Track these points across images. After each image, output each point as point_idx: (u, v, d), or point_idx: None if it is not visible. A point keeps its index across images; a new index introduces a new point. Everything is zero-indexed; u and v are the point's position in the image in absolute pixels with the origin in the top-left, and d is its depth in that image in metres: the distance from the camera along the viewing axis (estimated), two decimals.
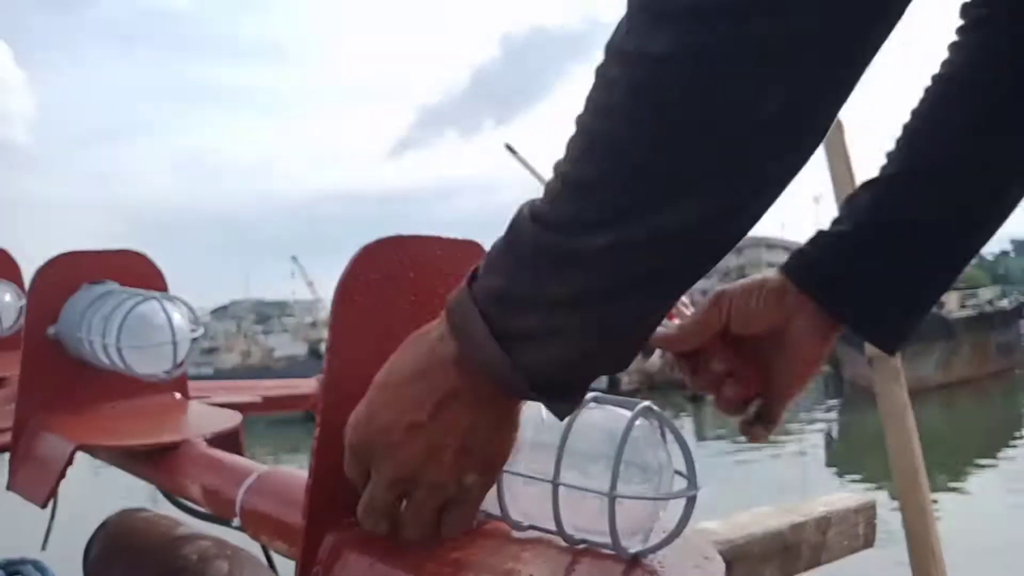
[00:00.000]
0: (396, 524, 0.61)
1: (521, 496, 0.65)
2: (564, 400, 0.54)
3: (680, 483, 0.60)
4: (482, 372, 0.53)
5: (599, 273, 0.48)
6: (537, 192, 0.52)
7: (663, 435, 0.61)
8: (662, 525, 0.61)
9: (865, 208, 0.73)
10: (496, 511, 0.65)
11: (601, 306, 0.49)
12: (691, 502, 0.59)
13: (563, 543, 0.63)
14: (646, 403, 0.60)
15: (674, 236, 0.46)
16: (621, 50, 0.45)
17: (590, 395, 0.62)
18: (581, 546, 0.62)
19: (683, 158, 0.44)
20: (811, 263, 0.72)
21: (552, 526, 0.62)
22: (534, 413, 0.62)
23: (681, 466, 0.60)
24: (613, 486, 0.57)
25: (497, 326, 0.51)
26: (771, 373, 0.73)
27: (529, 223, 0.50)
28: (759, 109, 0.42)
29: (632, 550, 0.60)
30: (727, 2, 0.41)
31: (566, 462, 0.60)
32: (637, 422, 0.59)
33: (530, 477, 0.62)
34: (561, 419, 0.56)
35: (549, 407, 0.55)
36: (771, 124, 0.43)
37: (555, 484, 0.60)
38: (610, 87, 0.45)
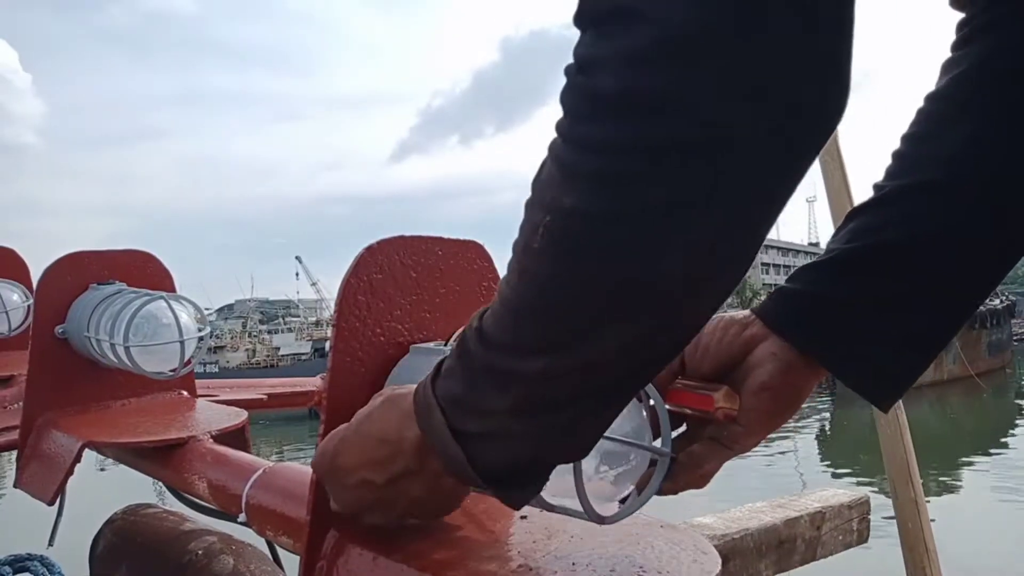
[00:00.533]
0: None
1: None
2: (518, 492, 0.57)
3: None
4: (440, 461, 0.57)
5: (538, 391, 0.51)
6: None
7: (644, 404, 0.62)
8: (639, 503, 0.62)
9: (850, 232, 0.67)
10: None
11: (544, 417, 0.52)
12: (663, 463, 0.61)
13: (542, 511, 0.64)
14: None
15: (602, 363, 0.49)
16: (542, 197, 0.47)
17: None
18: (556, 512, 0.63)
19: (595, 300, 0.47)
20: (782, 295, 0.67)
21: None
22: None
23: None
24: None
25: (454, 424, 0.55)
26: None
27: (475, 338, 0.53)
28: (660, 262, 0.44)
29: (605, 514, 0.60)
30: (624, 172, 0.43)
31: None
32: None
33: None
34: (515, 509, 0.59)
35: (503, 499, 0.57)
36: (673, 274, 0.45)
37: None
38: (535, 228, 0.47)
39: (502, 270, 0.85)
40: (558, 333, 0.49)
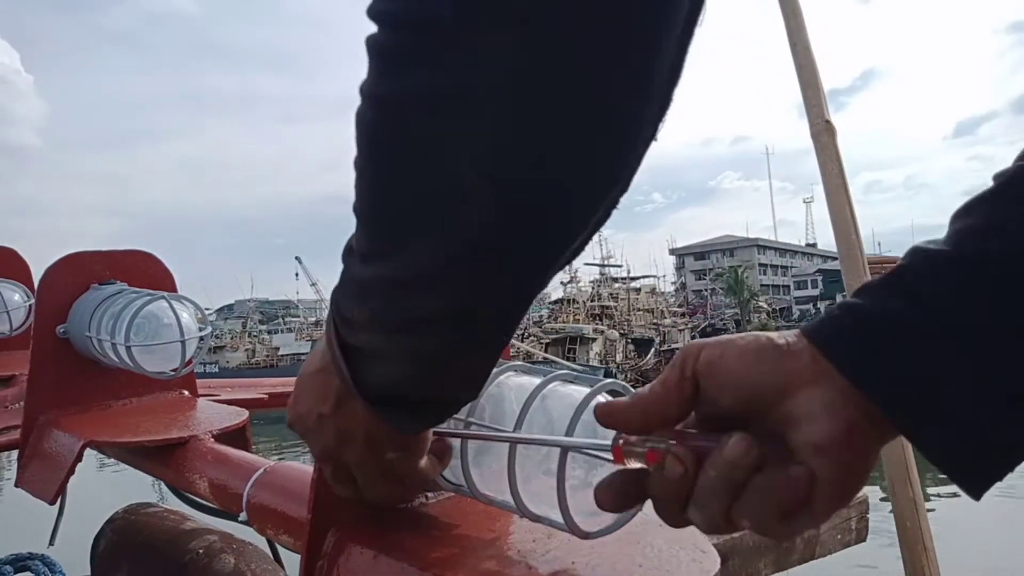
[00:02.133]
0: (356, 489, 0.65)
1: (489, 474, 0.65)
2: (407, 418, 0.56)
3: None
4: (338, 377, 0.56)
5: (386, 306, 0.49)
6: None
7: None
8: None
9: (963, 237, 0.45)
10: (464, 485, 0.66)
11: (404, 337, 0.50)
12: None
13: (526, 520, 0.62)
14: (613, 380, 0.60)
15: (431, 280, 0.46)
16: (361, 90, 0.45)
17: (566, 372, 0.63)
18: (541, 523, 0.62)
19: (397, 200, 0.45)
20: (857, 316, 0.45)
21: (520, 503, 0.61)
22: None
23: None
24: (569, 432, 0.56)
25: (343, 338, 0.54)
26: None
27: (346, 247, 0.52)
28: (443, 158, 0.42)
29: (591, 529, 0.59)
30: (396, 47, 0.42)
31: (525, 429, 0.60)
32: (600, 396, 0.58)
33: (489, 434, 0.63)
34: (403, 434, 0.58)
35: (392, 424, 0.56)
36: (462, 172, 0.42)
37: (512, 441, 0.59)
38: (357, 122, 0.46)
39: None
40: (377, 237, 0.48)
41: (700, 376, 0.48)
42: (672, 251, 77.50)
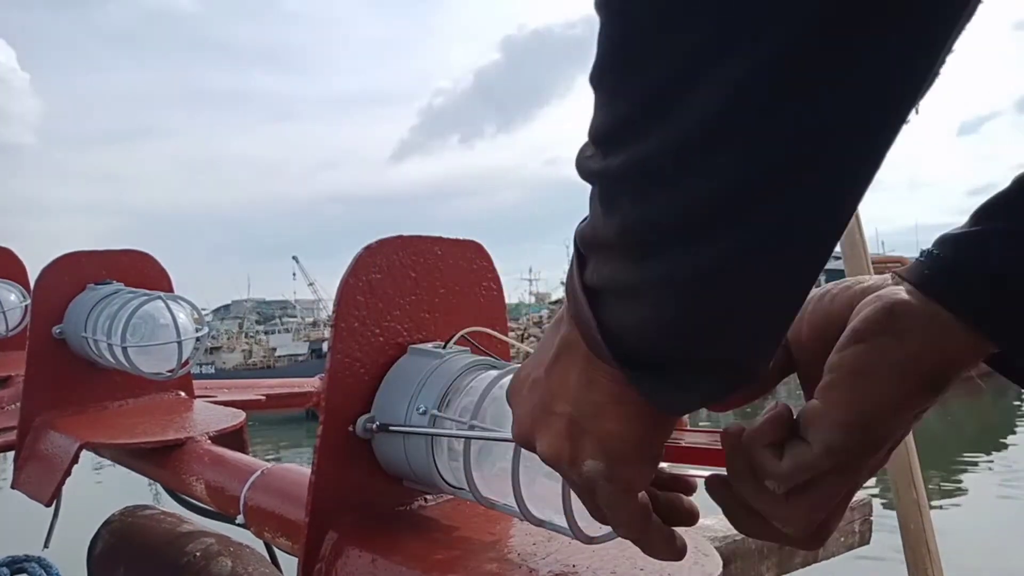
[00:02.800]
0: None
1: (491, 478, 0.64)
2: (656, 381, 0.40)
3: None
4: (578, 328, 0.42)
5: (632, 199, 0.36)
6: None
7: None
8: None
9: None
10: (465, 488, 0.65)
11: (666, 254, 0.36)
12: None
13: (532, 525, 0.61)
14: None
15: (721, 140, 0.32)
16: None
17: None
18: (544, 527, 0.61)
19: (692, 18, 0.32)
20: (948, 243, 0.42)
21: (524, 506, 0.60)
22: None
23: None
24: None
25: (585, 277, 0.41)
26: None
27: (582, 148, 0.39)
28: None
29: (594, 534, 0.58)
30: None
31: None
32: None
33: (492, 436, 0.62)
34: (661, 409, 0.42)
35: (639, 387, 0.41)
36: None
37: (516, 444, 0.55)
38: None
39: (502, 270, 0.85)
40: (642, 90, 0.33)
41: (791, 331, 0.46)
42: None
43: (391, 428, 0.70)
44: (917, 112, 0.34)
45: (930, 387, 0.41)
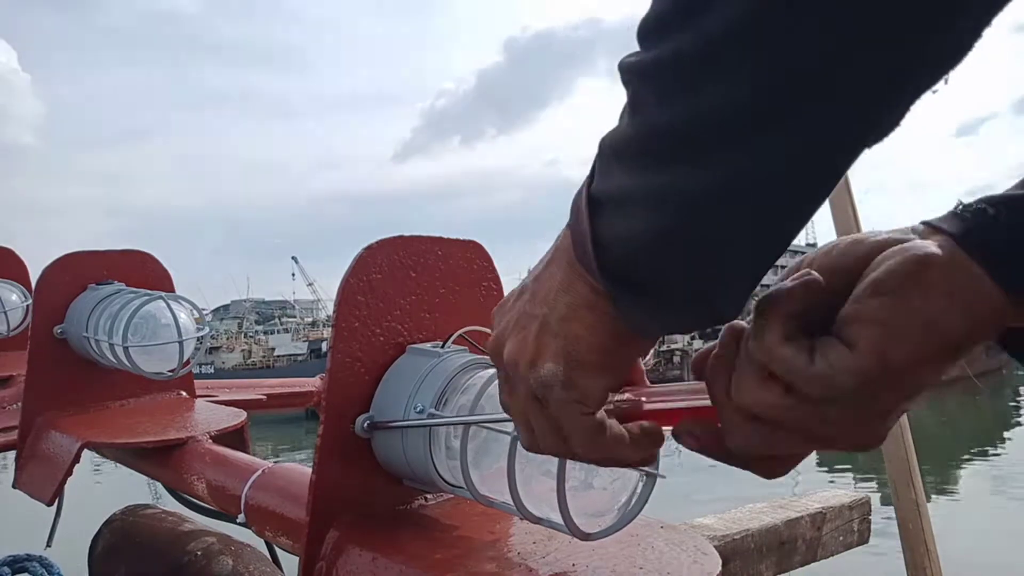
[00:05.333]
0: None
1: (488, 475, 0.65)
2: (630, 298, 0.41)
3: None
4: (571, 236, 0.43)
5: (660, 100, 0.36)
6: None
7: None
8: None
9: None
10: (463, 486, 0.66)
11: (668, 156, 0.37)
12: (649, 482, 0.58)
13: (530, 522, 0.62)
14: None
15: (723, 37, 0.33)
16: None
17: None
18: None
19: None
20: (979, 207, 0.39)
21: (524, 504, 0.60)
22: None
23: None
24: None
25: (594, 187, 0.42)
26: None
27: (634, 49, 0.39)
28: None
29: (591, 530, 0.59)
30: None
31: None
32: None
33: (488, 424, 0.61)
34: (627, 326, 0.43)
35: (613, 299, 0.42)
36: None
37: (513, 436, 0.58)
38: None
39: (502, 270, 0.85)
40: None
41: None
42: None
43: (387, 424, 0.70)
44: (946, 82, 0.34)
45: (951, 348, 0.37)
